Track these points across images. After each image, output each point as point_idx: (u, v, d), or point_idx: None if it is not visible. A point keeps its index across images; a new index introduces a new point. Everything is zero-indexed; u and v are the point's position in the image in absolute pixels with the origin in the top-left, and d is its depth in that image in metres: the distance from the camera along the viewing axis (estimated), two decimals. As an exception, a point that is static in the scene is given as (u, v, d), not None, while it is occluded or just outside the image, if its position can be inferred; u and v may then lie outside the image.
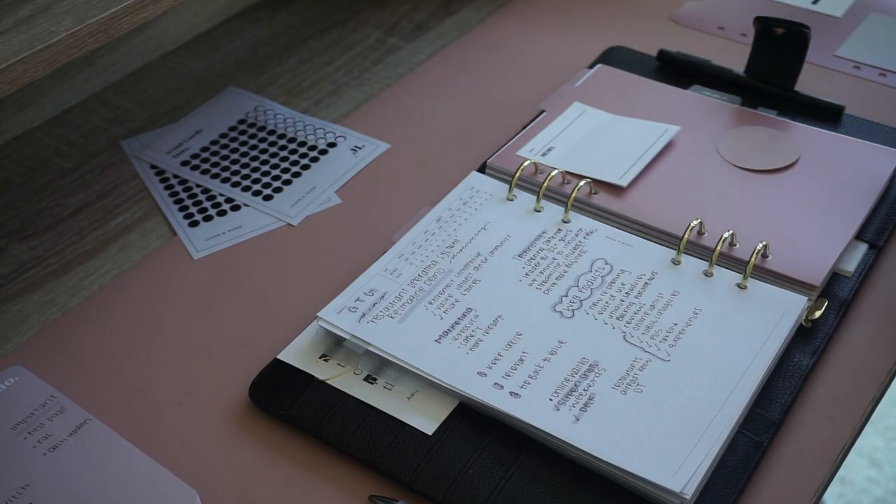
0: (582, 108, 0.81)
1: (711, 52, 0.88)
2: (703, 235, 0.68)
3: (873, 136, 0.78)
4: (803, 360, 0.62)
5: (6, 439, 0.59)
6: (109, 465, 0.58)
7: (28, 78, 0.61)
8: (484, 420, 0.59)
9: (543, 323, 0.63)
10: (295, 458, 0.59)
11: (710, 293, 0.64)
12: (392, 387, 0.61)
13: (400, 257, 0.68)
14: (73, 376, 0.64)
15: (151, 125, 0.86)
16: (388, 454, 0.57)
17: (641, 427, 0.56)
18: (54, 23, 0.63)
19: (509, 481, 0.56)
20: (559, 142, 0.77)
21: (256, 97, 0.89)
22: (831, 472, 0.57)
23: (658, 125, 0.78)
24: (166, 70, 0.93)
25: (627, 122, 0.79)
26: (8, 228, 0.77)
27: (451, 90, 0.88)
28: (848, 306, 0.66)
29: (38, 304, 0.70)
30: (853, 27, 0.92)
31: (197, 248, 0.74)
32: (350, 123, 0.85)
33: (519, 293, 0.65)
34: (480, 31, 0.95)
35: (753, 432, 0.58)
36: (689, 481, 0.53)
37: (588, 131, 0.78)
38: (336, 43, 0.96)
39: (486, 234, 0.69)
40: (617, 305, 0.64)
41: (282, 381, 0.62)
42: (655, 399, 0.58)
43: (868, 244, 0.69)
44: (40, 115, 0.88)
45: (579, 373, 0.59)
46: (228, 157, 0.82)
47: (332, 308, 0.64)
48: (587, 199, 0.72)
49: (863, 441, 1.46)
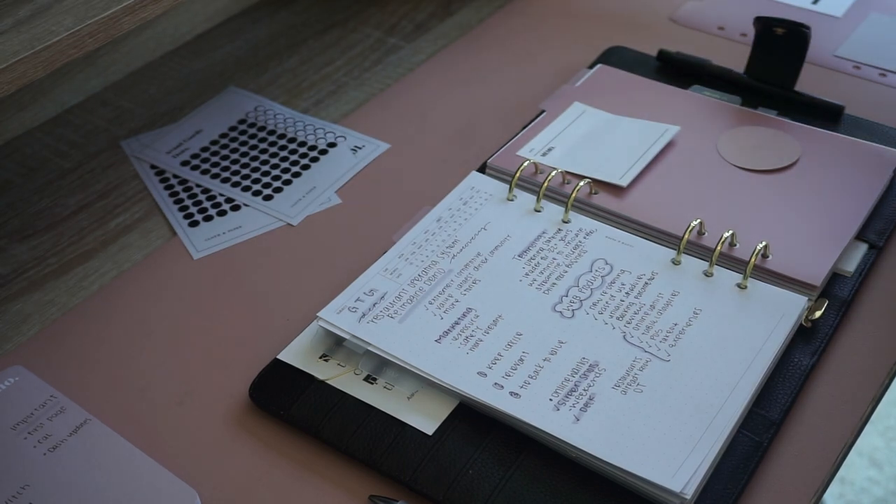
0: (582, 108, 0.81)
1: (711, 52, 0.88)
2: (703, 235, 0.68)
3: (873, 136, 0.78)
4: (803, 360, 0.62)
5: (6, 439, 0.59)
6: (109, 465, 0.58)
7: (28, 78, 0.61)
8: (484, 420, 0.59)
9: (543, 323, 0.63)
10: (295, 458, 0.59)
11: (711, 293, 0.64)
12: (392, 387, 0.61)
13: (400, 257, 0.68)
14: (73, 376, 0.64)
15: (151, 125, 0.86)
16: (388, 454, 0.57)
17: (641, 427, 0.56)
18: (54, 23, 0.63)
19: (509, 481, 0.56)
20: (559, 142, 0.77)
21: (256, 97, 0.89)
22: (831, 472, 0.57)
23: (658, 125, 0.78)
24: (166, 70, 0.93)
25: (627, 122, 0.79)
26: (8, 228, 0.77)
27: (451, 90, 0.88)
28: (848, 306, 0.66)
29: (38, 304, 0.70)
30: (853, 27, 0.92)
31: (197, 248, 0.74)
32: (350, 123, 0.85)
33: (519, 293, 0.65)
34: (480, 31, 0.95)
35: (753, 432, 0.58)
36: (689, 481, 0.53)
37: (588, 131, 0.78)
38: (336, 43, 0.96)
39: (486, 234, 0.69)
40: (617, 305, 0.64)
41: (282, 381, 0.62)
42: (655, 399, 0.58)
43: (868, 244, 0.69)
44: (40, 115, 0.88)
45: (579, 373, 0.59)
46: (228, 157, 0.82)
47: (332, 308, 0.64)
48: (587, 200, 0.72)
49: (863, 441, 1.46)
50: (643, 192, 0.72)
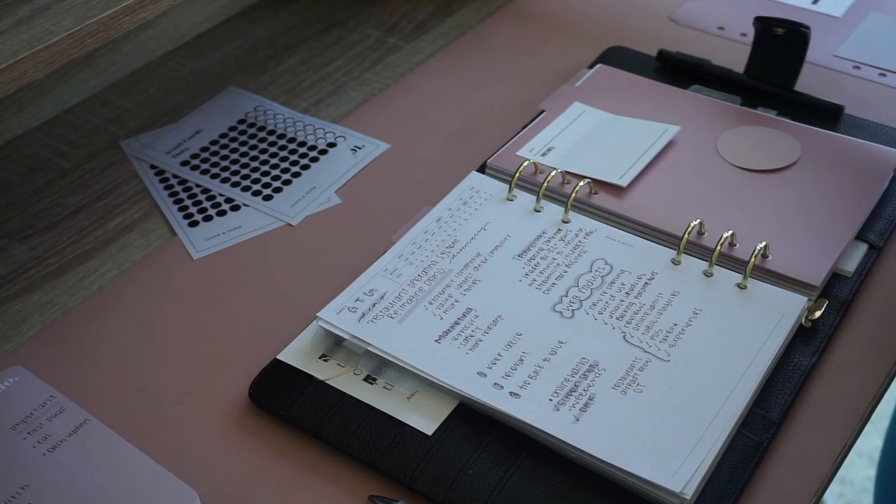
0: (582, 107, 0.81)
1: (711, 52, 0.88)
2: (703, 235, 0.68)
3: (873, 136, 0.78)
4: (803, 360, 0.62)
5: (6, 439, 0.59)
6: (109, 465, 0.58)
7: (28, 78, 0.61)
8: (484, 420, 0.59)
9: (543, 323, 0.63)
10: (295, 458, 0.59)
11: (710, 293, 0.64)
12: (392, 387, 0.61)
13: (400, 257, 0.68)
14: (72, 376, 0.64)
15: (151, 125, 0.86)
16: (387, 454, 0.57)
17: (641, 427, 0.56)
18: (54, 23, 0.63)
19: (509, 481, 0.56)
20: (559, 142, 0.77)
21: (256, 97, 0.89)
22: (831, 472, 0.57)
23: (658, 125, 0.78)
24: (166, 70, 0.93)
25: (627, 122, 0.79)
26: (8, 228, 0.77)
27: (451, 90, 0.88)
28: (848, 306, 0.66)
29: (38, 304, 0.70)
30: (853, 27, 0.92)
31: (197, 248, 0.73)
32: (350, 123, 0.85)
33: (519, 293, 0.65)
34: (480, 31, 0.95)
35: (753, 432, 0.58)
36: (689, 482, 0.53)
37: (588, 131, 0.78)
38: (336, 43, 0.96)
39: (485, 235, 0.69)
40: (617, 305, 0.64)
41: (282, 381, 0.62)
42: (655, 399, 0.58)
43: (868, 244, 0.69)
44: (40, 115, 0.87)
45: (579, 373, 0.59)
46: (228, 157, 0.82)
47: (331, 308, 0.64)
48: (587, 199, 0.72)
49: (863, 441, 1.46)
50: (643, 192, 0.72)
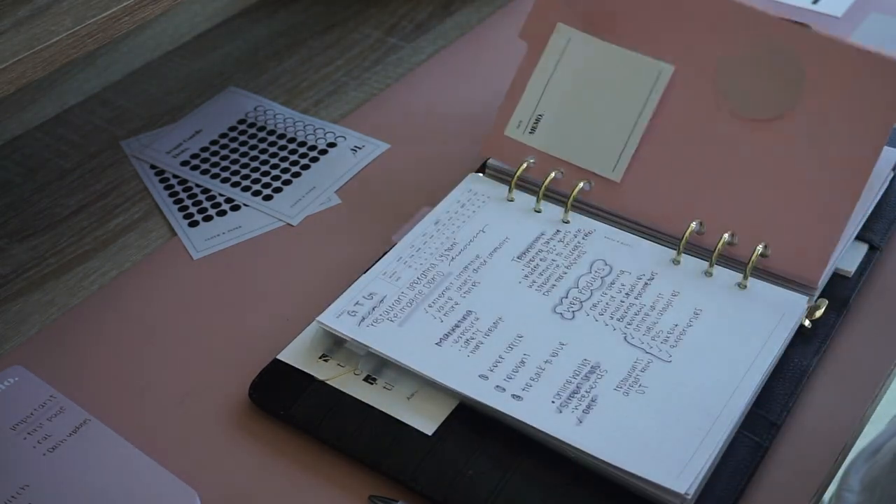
0: (568, 32, 0.74)
1: (711, 53, 0.88)
2: (702, 235, 0.68)
3: (873, 137, 0.77)
4: (803, 360, 0.62)
5: (6, 439, 0.59)
6: (109, 465, 0.58)
7: (28, 78, 0.61)
8: (484, 420, 0.59)
9: (544, 325, 0.63)
10: (295, 458, 0.59)
11: (711, 293, 0.64)
12: (392, 387, 0.61)
13: (398, 260, 0.68)
14: (73, 376, 0.64)
15: (151, 125, 0.86)
16: (387, 454, 0.57)
17: (644, 428, 0.56)
18: (54, 23, 0.63)
19: (509, 482, 0.56)
20: (546, 104, 0.73)
21: (256, 97, 0.89)
22: (831, 473, 0.57)
23: (651, 64, 0.72)
24: (166, 70, 0.93)
25: (618, 60, 0.73)
26: (8, 228, 0.77)
27: (451, 90, 0.88)
28: (848, 306, 0.66)
29: (38, 304, 0.70)
30: (853, 27, 0.92)
31: (197, 249, 0.73)
32: (350, 123, 0.85)
33: (519, 295, 0.65)
34: (480, 31, 0.95)
35: (754, 433, 0.58)
36: (693, 482, 0.53)
37: (575, 86, 0.73)
38: (336, 43, 0.96)
39: (484, 236, 0.69)
40: (617, 306, 0.64)
41: (281, 381, 0.62)
42: (658, 400, 0.58)
43: (868, 244, 0.69)
44: (40, 115, 0.87)
45: (581, 375, 0.59)
46: (228, 157, 0.82)
47: (331, 312, 0.64)
48: (586, 199, 0.71)
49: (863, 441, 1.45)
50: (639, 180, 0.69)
